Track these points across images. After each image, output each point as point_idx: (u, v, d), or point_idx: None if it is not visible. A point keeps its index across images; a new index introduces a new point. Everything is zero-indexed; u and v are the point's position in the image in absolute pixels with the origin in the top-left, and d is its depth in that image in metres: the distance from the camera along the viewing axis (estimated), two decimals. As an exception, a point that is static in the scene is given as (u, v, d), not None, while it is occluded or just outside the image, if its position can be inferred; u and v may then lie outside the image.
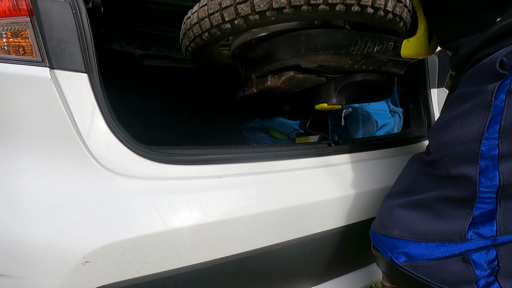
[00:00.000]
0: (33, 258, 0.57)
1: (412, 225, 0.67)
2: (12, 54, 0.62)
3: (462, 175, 0.59)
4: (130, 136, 0.70)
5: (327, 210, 0.83)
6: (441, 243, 0.62)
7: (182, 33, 0.81)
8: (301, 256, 0.84)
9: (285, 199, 0.78)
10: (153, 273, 0.64)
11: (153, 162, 0.70)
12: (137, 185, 0.67)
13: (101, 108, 0.68)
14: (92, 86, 0.68)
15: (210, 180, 0.73)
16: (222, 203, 0.71)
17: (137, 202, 0.65)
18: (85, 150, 0.65)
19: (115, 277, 0.61)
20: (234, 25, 0.68)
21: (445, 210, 0.62)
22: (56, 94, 0.63)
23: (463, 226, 0.59)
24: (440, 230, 0.62)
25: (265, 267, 0.79)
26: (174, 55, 1.81)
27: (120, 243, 0.60)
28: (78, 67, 0.66)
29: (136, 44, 1.72)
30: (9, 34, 0.62)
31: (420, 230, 0.65)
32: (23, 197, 0.60)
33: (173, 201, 0.67)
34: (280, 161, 0.84)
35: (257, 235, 0.74)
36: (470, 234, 0.59)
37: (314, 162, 0.89)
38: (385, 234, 0.72)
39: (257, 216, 0.74)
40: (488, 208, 0.57)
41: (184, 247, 0.66)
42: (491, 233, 0.58)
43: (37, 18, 0.62)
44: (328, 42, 0.76)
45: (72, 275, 0.58)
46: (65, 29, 0.65)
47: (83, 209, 0.61)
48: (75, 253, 0.58)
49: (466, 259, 0.60)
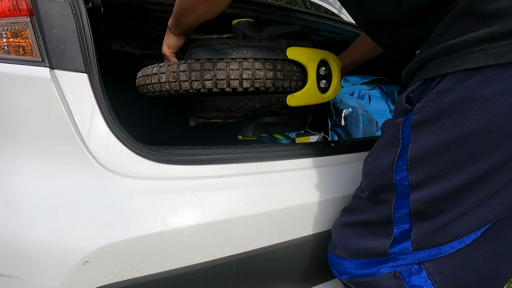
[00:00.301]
0: (33, 258, 0.57)
1: (347, 243, 0.73)
2: (12, 54, 0.62)
3: (382, 200, 0.65)
4: (130, 136, 0.71)
5: (327, 210, 0.84)
6: (371, 259, 0.68)
7: (141, 81, 0.99)
8: (302, 256, 0.84)
9: (285, 199, 0.78)
10: (153, 273, 0.64)
11: (153, 162, 0.70)
12: (137, 185, 0.67)
13: (101, 108, 0.68)
14: (92, 86, 0.68)
15: (210, 180, 0.73)
16: (222, 203, 0.71)
17: (137, 202, 0.65)
18: (85, 150, 0.65)
19: (115, 277, 0.61)
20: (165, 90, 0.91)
21: (372, 229, 0.68)
22: (56, 94, 0.63)
23: (386, 243, 0.65)
24: (368, 247, 0.68)
25: (265, 267, 0.79)
26: None
27: (120, 243, 0.60)
28: (78, 67, 0.66)
29: (136, 44, 1.72)
30: (9, 34, 0.62)
31: (352, 248, 0.71)
32: (23, 197, 0.60)
33: (173, 201, 0.67)
34: (280, 161, 0.84)
35: (257, 235, 0.74)
36: (392, 250, 0.65)
37: (315, 162, 0.89)
38: (331, 251, 0.78)
39: (257, 216, 0.74)
40: (405, 228, 0.63)
41: (184, 247, 0.66)
42: (408, 249, 0.63)
43: (37, 18, 0.62)
44: (212, 106, 0.95)
45: (72, 275, 0.58)
46: (65, 29, 0.65)
47: (83, 209, 0.61)
48: (75, 253, 0.58)
49: (397, 275, 0.65)
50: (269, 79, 0.86)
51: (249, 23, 0.97)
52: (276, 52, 0.90)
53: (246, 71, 0.84)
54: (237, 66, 0.83)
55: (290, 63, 0.91)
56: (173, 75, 0.85)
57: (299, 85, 0.94)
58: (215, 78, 0.83)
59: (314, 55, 0.92)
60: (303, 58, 0.92)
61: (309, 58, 0.92)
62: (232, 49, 0.88)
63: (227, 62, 0.84)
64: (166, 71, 0.87)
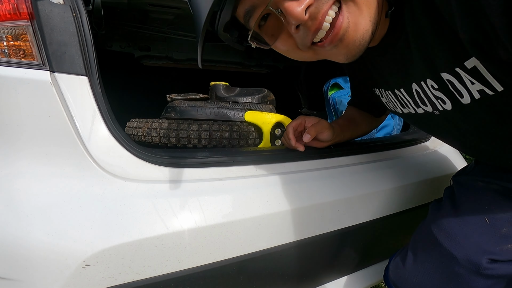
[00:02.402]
0: (34, 261, 0.57)
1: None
2: (12, 57, 0.62)
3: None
4: (131, 139, 0.71)
5: (327, 213, 0.84)
6: None
7: (127, 130, 1.13)
8: (302, 258, 0.84)
9: (285, 201, 0.78)
10: (154, 276, 0.64)
11: (154, 165, 0.70)
12: (138, 188, 0.67)
13: (101, 111, 0.68)
14: (93, 89, 0.68)
15: (210, 182, 0.73)
16: (222, 205, 0.71)
17: (137, 205, 0.65)
18: (85, 153, 0.65)
19: (115, 280, 0.61)
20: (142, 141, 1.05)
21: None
22: (56, 97, 0.63)
23: None
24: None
25: (265, 269, 0.79)
26: (174, 56, 1.82)
27: (121, 246, 0.60)
28: (78, 70, 0.66)
29: (136, 45, 1.73)
30: (10, 38, 0.62)
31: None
32: (23, 200, 0.60)
33: (174, 204, 0.67)
34: (280, 163, 0.84)
35: (257, 237, 0.74)
36: None
37: (314, 164, 0.89)
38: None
39: (257, 219, 0.74)
40: None
41: (184, 250, 0.66)
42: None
43: (38, 21, 0.62)
44: None
45: (72, 279, 0.58)
46: (65, 33, 0.65)
47: (84, 212, 0.61)
48: (75, 256, 0.58)
49: None
50: (224, 138, 1.01)
51: (223, 86, 1.17)
52: (235, 115, 1.06)
53: (204, 132, 0.99)
54: (197, 128, 0.99)
55: (248, 124, 1.07)
56: (147, 131, 1.03)
57: (256, 143, 1.09)
58: (178, 136, 0.99)
59: (270, 118, 1.08)
60: (258, 121, 1.07)
61: (264, 121, 1.07)
62: (197, 111, 1.05)
63: (189, 123, 1.00)
64: (142, 126, 1.05)
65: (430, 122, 0.74)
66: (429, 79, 0.63)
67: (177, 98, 1.11)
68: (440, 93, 0.63)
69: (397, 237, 1.05)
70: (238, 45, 0.67)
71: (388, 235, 1.02)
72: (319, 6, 0.50)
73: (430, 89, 0.65)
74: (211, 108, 1.06)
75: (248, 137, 1.05)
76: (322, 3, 0.50)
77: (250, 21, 0.56)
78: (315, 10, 0.50)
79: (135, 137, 1.06)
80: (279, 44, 0.58)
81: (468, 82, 0.56)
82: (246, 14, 0.56)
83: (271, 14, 0.54)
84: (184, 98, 1.11)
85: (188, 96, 1.12)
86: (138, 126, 1.05)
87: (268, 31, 0.58)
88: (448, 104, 0.64)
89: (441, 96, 0.64)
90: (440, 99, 0.65)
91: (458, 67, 0.55)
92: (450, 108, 0.64)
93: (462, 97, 0.59)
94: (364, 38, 0.53)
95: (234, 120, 1.06)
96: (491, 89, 0.54)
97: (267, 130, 1.06)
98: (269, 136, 1.07)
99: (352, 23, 0.51)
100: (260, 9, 0.53)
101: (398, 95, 0.76)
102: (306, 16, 0.50)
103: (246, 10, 0.55)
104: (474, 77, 0.54)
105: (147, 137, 1.02)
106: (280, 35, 0.56)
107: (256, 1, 0.53)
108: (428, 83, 0.64)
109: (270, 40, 0.58)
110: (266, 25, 0.57)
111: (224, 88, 1.17)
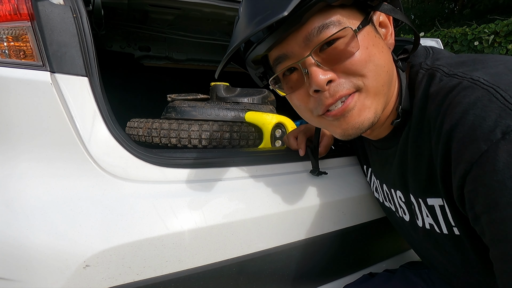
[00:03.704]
0: (34, 262, 0.58)
1: None
2: (13, 58, 0.62)
3: None
4: (131, 140, 0.71)
5: (326, 213, 0.84)
6: None
7: (127, 130, 1.13)
8: (302, 258, 0.84)
9: (285, 202, 0.78)
10: (154, 276, 0.64)
11: (154, 166, 0.70)
12: (138, 188, 0.67)
13: (101, 112, 0.68)
14: (93, 89, 0.68)
15: (210, 183, 0.73)
16: (222, 206, 0.71)
17: (138, 205, 0.65)
18: (86, 154, 0.65)
19: (115, 280, 0.61)
20: (142, 141, 1.06)
21: None
22: (57, 98, 0.63)
23: None
24: None
25: (265, 270, 0.79)
26: (174, 56, 1.82)
27: (121, 247, 0.61)
28: (78, 71, 0.66)
29: (136, 45, 1.73)
30: (10, 38, 0.62)
31: None
32: (24, 201, 0.60)
33: (174, 204, 0.67)
34: (280, 164, 0.84)
35: (257, 238, 0.74)
36: None
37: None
38: None
39: (258, 219, 0.74)
40: None
41: (184, 251, 0.66)
42: None
43: (38, 22, 0.62)
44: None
45: (73, 279, 0.58)
46: (65, 33, 0.65)
47: (84, 213, 0.61)
48: (76, 257, 0.58)
49: None
50: (225, 139, 1.01)
51: (223, 86, 1.16)
52: (235, 115, 1.07)
53: (205, 132, 0.99)
54: (198, 128, 0.99)
55: (248, 125, 1.07)
56: (147, 131, 1.02)
57: (257, 143, 1.09)
58: (178, 136, 0.99)
59: (270, 119, 1.07)
60: (259, 122, 1.07)
61: (265, 121, 1.06)
62: (197, 111, 1.05)
63: (190, 124, 1.00)
64: (143, 126, 1.04)
65: (392, 217, 0.84)
66: (399, 191, 0.72)
67: (177, 99, 1.12)
68: (404, 206, 0.73)
69: (398, 237, 1.05)
70: (258, 80, 0.73)
71: (389, 235, 1.02)
72: (339, 87, 0.56)
73: (397, 198, 0.75)
74: (211, 109, 1.06)
75: (248, 138, 1.05)
76: (343, 87, 0.56)
77: (278, 66, 0.61)
78: (335, 89, 0.56)
79: (135, 137, 1.06)
80: (294, 97, 0.62)
81: (424, 213, 0.65)
82: (277, 59, 0.60)
83: (298, 70, 0.59)
84: (185, 99, 1.11)
85: (189, 96, 1.12)
86: (138, 126, 1.05)
87: (289, 82, 0.62)
88: (407, 216, 0.74)
89: (404, 208, 0.74)
90: (402, 209, 0.75)
91: (421, 198, 0.64)
92: (408, 219, 0.74)
93: (418, 220, 0.69)
94: (363, 124, 0.59)
95: (235, 121, 1.06)
96: (439, 228, 0.63)
97: (267, 130, 1.07)
98: (270, 136, 1.07)
99: (358, 108, 0.57)
100: (291, 61, 0.58)
101: (374, 180, 0.86)
102: (327, 87, 0.55)
103: (279, 55, 0.59)
104: (430, 212, 0.63)
105: (147, 137, 1.02)
106: (297, 91, 0.60)
107: (290, 53, 0.57)
108: (397, 194, 0.74)
109: (287, 90, 0.62)
110: (289, 77, 0.61)
111: (225, 89, 1.17)
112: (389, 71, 0.59)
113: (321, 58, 0.55)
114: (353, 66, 0.54)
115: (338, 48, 0.54)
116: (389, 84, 0.60)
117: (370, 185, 0.91)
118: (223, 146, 1.02)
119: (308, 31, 0.54)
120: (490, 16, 6.66)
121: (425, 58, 0.63)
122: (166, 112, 1.11)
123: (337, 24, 0.54)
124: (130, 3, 1.16)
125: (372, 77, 0.56)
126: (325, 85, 0.55)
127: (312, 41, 0.54)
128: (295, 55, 0.57)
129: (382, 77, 0.57)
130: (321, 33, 0.54)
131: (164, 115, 1.11)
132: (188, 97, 1.12)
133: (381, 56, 0.57)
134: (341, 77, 0.55)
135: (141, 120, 1.07)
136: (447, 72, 0.56)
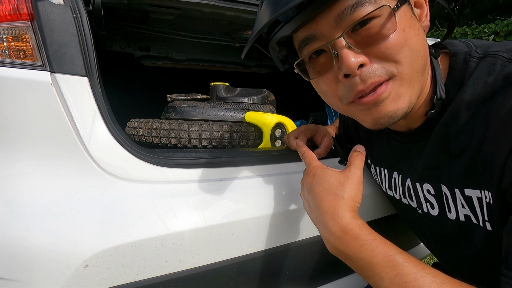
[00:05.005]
0: (34, 262, 0.57)
1: None
2: (13, 58, 0.62)
3: None
4: (131, 139, 0.71)
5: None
6: None
7: (127, 130, 1.13)
8: (302, 258, 0.84)
9: (285, 202, 0.78)
10: (154, 276, 0.64)
11: (154, 166, 0.70)
12: (138, 188, 0.67)
13: (101, 112, 0.68)
14: (93, 89, 0.68)
15: (210, 183, 0.73)
16: (222, 206, 0.71)
17: (138, 205, 0.65)
18: (86, 154, 0.65)
19: (115, 280, 0.61)
20: (142, 141, 1.06)
21: None
22: (57, 98, 0.63)
23: None
24: None
25: (266, 270, 0.79)
26: (174, 56, 1.81)
27: (121, 247, 0.61)
28: (78, 71, 0.66)
29: (136, 45, 1.72)
30: (10, 38, 0.62)
31: None
32: (24, 201, 0.60)
33: (174, 204, 0.67)
34: (281, 164, 0.84)
35: (257, 238, 0.74)
36: None
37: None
38: None
39: (258, 220, 0.74)
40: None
41: (184, 251, 0.66)
42: None
43: (38, 22, 0.62)
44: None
45: (73, 279, 0.58)
46: (65, 33, 0.65)
47: (84, 213, 0.61)
48: (76, 257, 0.58)
49: None
50: (225, 139, 1.01)
51: (223, 86, 1.16)
52: (235, 115, 1.07)
53: (205, 132, 0.98)
54: (197, 128, 0.99)
55: (248, 125, 1.06)
56: (147, 131, 1.02)
57: (257, 143, 1.09)
58: (178, 136, 0.99)
59: (270, 119, 1.07)
60: (259, 122, 1.07)
61: (265, 121, 1.06)
62: (197, 111, 1.05)
63: (190, 124, 0.99)
64: (143, 126, 1.04)
65: (410, 214, 0.78)
66: (427, 183, 0.66)
67: (177, 99, 1.12)
68: (433, 199, 0.67)
69: (399, 238, 1.05)
70: (280, 63, 0.68)
71: (391, 234, 1.02)
72: (372, 73, 0.51)
73: (423, 192, 0.69)
74: (211, 109, 1.06)
75: (248, 138, 1.05)
76: (375, 73, 0.51)
77: (304, 48, 0.57)
78: (367, 74, 0.51)
79: (135, 137, 1.06)
80: (321, 82, 0.58)
81: (460, 204, 0.60)
82: (304, 40, 0.55)
83: (326, 52, 0.55)
84: (185, 99, 1.11)
85: (189, 96, 1.12)
86: (138, 126, 1.06)
87: (316, 66, 0.58)
88: (435, 210, 0.68)
89: (432, 201, 0.67)
90: (430, 203, 0.68)
91: (457, 188, 0.59)
92: (436, 213, 0.68)
93: (450, 212, 0.63)
94: (396, 113, 0.54)
95: (235, 121, 1.06)
96: (477, 219, 0.58)
97: (267, 130, 1.07)
98: (270, 136, 1.07)
99: (392, 97, 0.53)
100: (320, 42, 0.54)
101: (393, 177, 0.79)
102: (358, 72, 0.51)
103: (307, 36, 0.55)
104: (467, 203, 0.58)
105: (147, 137, 1.03)
106: (325, 75, 0.56)
107: (319, 34, 0.53)
108: (424, 187, 0.68)
109: (313, 75, 0.59)
110: (316, 60, 0.57)
111: (225, 89, 1.17)
112: (424, 56, 0.54)
113: (353, 40, 0.51)
114: (388, 50, 0.50)
115: (372, 29, 0.49)
116: (423, 70, 0.55)
117: (379, 183, 0.87)
118: (223, 146, 1.02)
119: (341, 9, 0.49)
120: (490, 16, 6.67)
121: (469, 47, 0.57)
122: (166, 112, 1.11)
123: (373, 2, 0.49)
124: (130, 3, 1.16)
125: (407, 63, 0.51)
126: (356, 69, 0.50)
127: (344, 21, 0.50)
128: (324, 36, 0.52)
129: (417, 63, 0.52)
130: (355, 12, 0.49)
131: (164, 115, 1.11)
132: (188, 97, 1.12)
133: (417, 40, 0.52)
134: (374, 62, 0.51)
135: (141, 120, 1.07)
136: (509, 57, 0.51)
